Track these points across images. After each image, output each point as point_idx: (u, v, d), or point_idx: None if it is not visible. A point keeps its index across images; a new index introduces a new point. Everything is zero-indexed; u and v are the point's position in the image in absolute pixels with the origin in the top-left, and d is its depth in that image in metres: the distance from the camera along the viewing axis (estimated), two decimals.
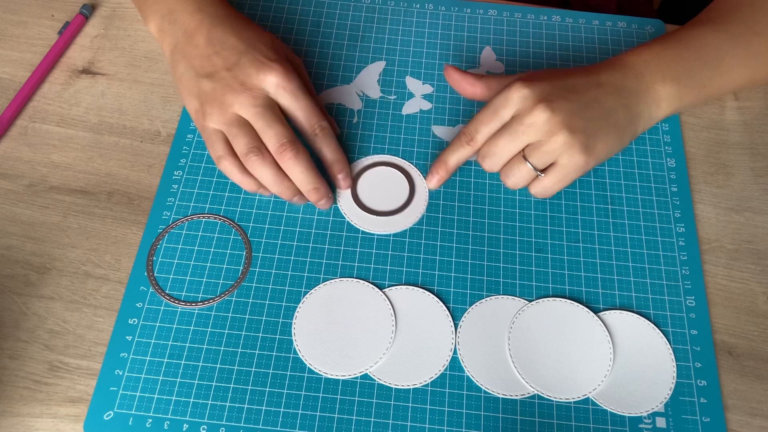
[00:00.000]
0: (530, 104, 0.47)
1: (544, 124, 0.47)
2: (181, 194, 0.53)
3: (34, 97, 0.57)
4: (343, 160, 0.51)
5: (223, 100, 0.48)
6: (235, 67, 0.48)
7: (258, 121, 0.48)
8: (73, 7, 0.62)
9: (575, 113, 0.48)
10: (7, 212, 0.52)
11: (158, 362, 0.46)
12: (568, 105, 0.48)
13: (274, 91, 0.48)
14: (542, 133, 0.47)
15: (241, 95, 0.48)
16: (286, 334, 0.47)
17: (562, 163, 0.48)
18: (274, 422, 0.45)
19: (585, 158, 0.48)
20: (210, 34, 0.49)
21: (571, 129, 0.47)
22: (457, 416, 0.45)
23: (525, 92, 0.48)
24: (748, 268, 0.51)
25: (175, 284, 0.49)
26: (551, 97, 0.48)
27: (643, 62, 0.51)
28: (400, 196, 0.53)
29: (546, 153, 0.48)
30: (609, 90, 0.50)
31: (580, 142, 0.47)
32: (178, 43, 0.50)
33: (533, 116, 0.47)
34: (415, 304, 0.49)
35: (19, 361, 0.46)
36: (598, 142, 0.49)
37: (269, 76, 0.48)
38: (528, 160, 0.49)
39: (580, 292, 0.50)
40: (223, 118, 0.48)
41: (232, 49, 0.49)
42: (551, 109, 0.47)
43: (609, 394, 0.46)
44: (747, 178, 0.55)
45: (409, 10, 0.63)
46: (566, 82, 0.49)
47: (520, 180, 0.50)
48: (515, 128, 0.48)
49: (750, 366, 0.47)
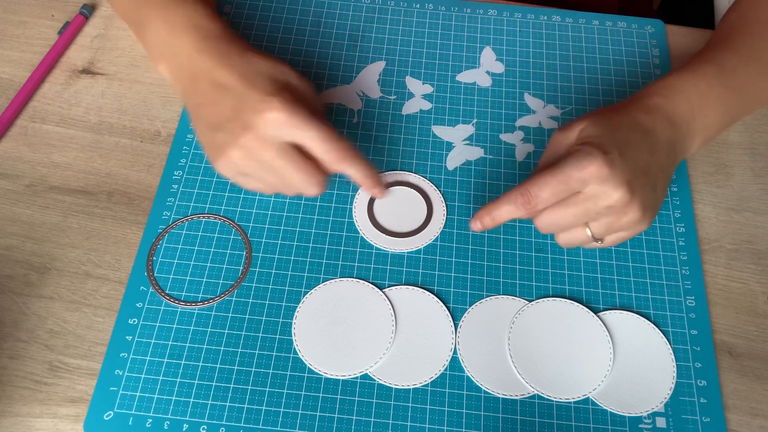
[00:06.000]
0: (609, 189, 0.44)
1: (621, 207, 0.44)
2: (181, 194, 0.53)
3: (34, 97, 0.57)
4: (372, 173, 0.49)
5: (234, 150, 0.46)
6: (237, 115, 0.46)
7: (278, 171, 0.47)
8: (73, 7, 0.62)
9: (646, 189, 0.46)
10: (7, 212, 0.52)
11: (158, 362, 0.46)
12: (643, 182, 0.45)
13: (280, 133, 0.45)
14: (617, 214, 0.45)
15: (249, 145, 0.46)
16: (286, 334, 0.47)
17: (625, 234, 0.47)
18: (274, 422, 0.45)
19: (647, 226, 0.47)
20: (211, 78, 0.47)
21: (644, 207, 0.45)
22: (457, 416, 0.45)
23: (605, 173, 0.43)
24: (748, 268, 0.51)
25: (175, 284, 0.49)
26: (630, 177, 0.44)
27: (688, 107, 0.49)
28: (417, 218, 0.52)
29: (612, 228, 0.46)
30: (665, 149, 0.48)
31: (649, 216, 0.46)
32: (185, 89, 0.49)
33: (612, 200, 0.44)
34: (415, 304, 0.49)
35: (19, 361, 0.46)
36: (659, 206, 0.48)
37: (270, 118, 0.45)
38: (590, 230, 0.47)
39: (580, 292, 0.50)
40: (237, 167, 0.47)
41: (232, 93, 0.46)
42: (631, 192, 0.44)
43: (609, 394, 0.46)
44: (747, 178, 0.55)
45: (409, 10, 0.63)
46: (635, 151, 0.46)
47: (574, 243, 0.48)
48: (589, 207, 0.45)
49: (750, 366, 0.47)
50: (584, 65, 0.60)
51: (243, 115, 0.45)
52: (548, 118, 0.57)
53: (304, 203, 0.53)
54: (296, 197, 0.53)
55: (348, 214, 0.52)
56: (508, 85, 0.59)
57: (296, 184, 0.47)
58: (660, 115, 0.48)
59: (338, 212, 0.52)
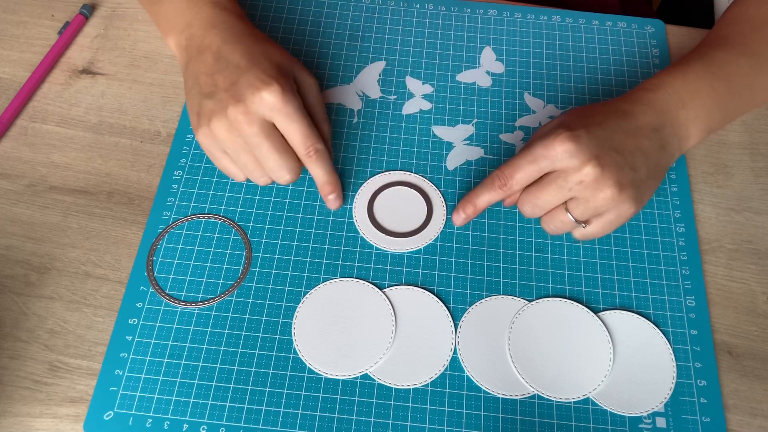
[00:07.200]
0: (578, 162, 0.45)
1: (593, 183, 0.45)
2: (181, 194, 0.53)
3: (34, 97, 0.57)
4: (334, 182, 0.50)
5: (219, 121, 0.47)
6: (233, 87, 0.47)
7: (255, 149, 0.47)
8: (73, 7, 0.62)
9: (622, 167, 0.46)
10: (7, 212, 0.52)
11: (158, 362, 0.46)
12: (615, 158, 0.46)
13: (269, 113, 0.46)
14: (590, 191, 0.46)
15: (235, 117, 0.46)
16: (286, 334, 0.47)
17: (609, 216, 0.47)
18: (274, 422, 0.45)
19: (633, 210, 0.47)
20: (219, 51, 0.48)
21: (620, 185, 0.45)
22: (457, 416, 0.45)
23: (571, 147, 0.45)
24: (748, 268, 0.51)
25: (175, 284, 0.49)
26: (597, 151, 0.45)
27: (676, 97, 0.49)
28: (417, 218, 0.52)
29: (591, 209, 0.46)
30: (647, 134, 0.48)
31: (630, 195, 0.46)
32: (190, 59, 0.50)
33: (581, 174, 0.45)
34: (415, 304, 0.49)
35: (19, 361, 0.46)
36: (645, 190, 0.48)
37: (264, 97, 0.46)
38: (570, 212, 0.47)
39: (580, 292, 0.50)
40: (216, 139, 0.48)
41: (235, 68, 0.47)
42: (600, 166, 0.45)
43: (609, 394, 0.46)
44: (747, 178, 0.55)
45: (409, 10, 0.63)
46: (608, 130, 0.47)
47: (560, 229, 0.49)
48: (561, 184, 0.46)
49: (750, 366, 0.47)
50: (584, 65, 0.60)
51: (238, 88, 0.47)
52: (548, 118, 0.57)
53: (304, 203, 0.53)
54: (296, 197, 0.53)
55: (348, 214, 0.52)
56: (508, 85, 0.59)
57: (270, 166, 0.48)
58: (641, 103, 0.49)
59: (338, 212, 0.52)
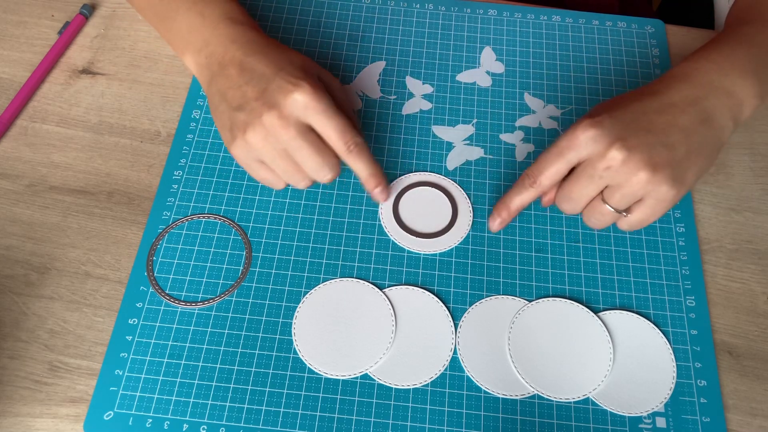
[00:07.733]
0: (602, 147, 0.43)
1: (622, 167, 0.43)
2: (181, 194, 0.53)
3: (34, 97, 0.57)
4: (379, 173, 0.49)
5: (254, 130, 0.46)
6: (263, 94, 0.46)
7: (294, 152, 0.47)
8: (73, 7, 0.62)
9: (653, 146, 0.43)
10: (7, 212, 0.52)
11: (158, 362, 0.46)
12: (644, 138, 0.43)
13: (303, 113, 0.46)
14: (621, 176, 0.44)
15: (271, 124, 0.46)
16: (286, 334, 0.47)
17: (649, 201, 0.45)
18: (274, 422, 0.45)
19: (674, 192, 0.44)
20: (242, 64, 0.48)
21: (653, 165, 0.43)
22: (457, 416, 0.45)
23: (593, 133, 0.44)
24: (748, 268, 0.51)
25: (175, 284, 0.49)
26: (623, 133, 0.43)
27: (715, 67, 0.46)
28: (443, 219, 0.52)
29: (627, 195, 0.45)
30: (684, 108, 0.45)
31: (666, 175, 0.43)
32: (213, 76, 0.49)
33: (607, 159, 0.43)
34: (415, 304, 0.49)
35: (19, 361, 0.46)
36: (686, 170, 0.44)
37: (297, 98, 0.46)
38: (607, 202, 0.46)
39: (580, 292, 0.50)
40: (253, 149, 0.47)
41: (261, 76, 0.47)
42: (626, 148, 0.43)
43: (609, 394, 0.46)
44: (747, 178, 0.55)
45: (409, 10, 0.63)
46: (634, 112, 0.45)
47: (602, 222, 0.47)
48: (590, 173, 0.44)
49: (750, 366, 0.47)
50: (584, 65, 0.60)
51: (269, 94, 0.46)
52: (548, 118, 0.57)
53: (304, 203, 0.53)
54: (296, 197, 0.53)
55: (348, 214, 0.52)
56: (508, 85, 0.59)
57: (311, 167, 0.47)
58: (675, 80, 0.47)
59: (338, 212, 0.52)
